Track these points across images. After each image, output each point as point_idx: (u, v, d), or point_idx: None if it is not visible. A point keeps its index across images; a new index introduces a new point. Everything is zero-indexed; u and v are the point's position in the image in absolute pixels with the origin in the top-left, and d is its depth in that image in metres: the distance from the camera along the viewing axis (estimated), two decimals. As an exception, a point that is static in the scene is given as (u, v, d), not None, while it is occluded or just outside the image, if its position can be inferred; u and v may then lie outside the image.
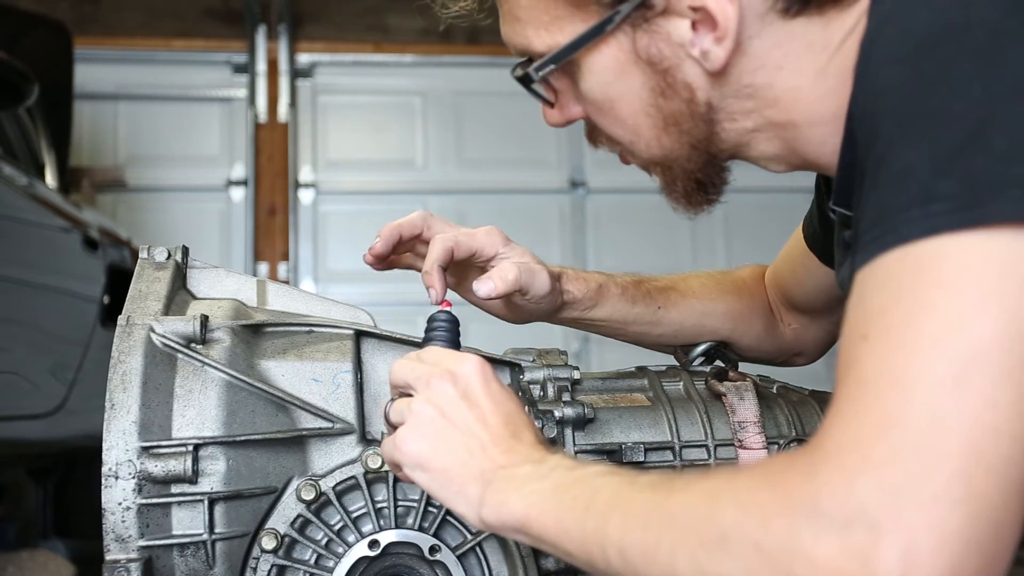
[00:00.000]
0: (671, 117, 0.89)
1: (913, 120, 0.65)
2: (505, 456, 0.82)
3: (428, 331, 1.04)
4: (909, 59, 0.67)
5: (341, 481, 1.08)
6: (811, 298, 1.26)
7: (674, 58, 0.85)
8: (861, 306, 0.64)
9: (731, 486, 0.64)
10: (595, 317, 1.21)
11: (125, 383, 1.02)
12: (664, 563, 0.65)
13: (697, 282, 1.29)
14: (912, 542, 0.55)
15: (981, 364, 0.57)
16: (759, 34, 0.83)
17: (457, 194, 5.02)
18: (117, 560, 0.99)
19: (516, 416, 0.85)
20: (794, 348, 1.34)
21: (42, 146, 3.19)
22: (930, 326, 0.59)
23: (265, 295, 1.20)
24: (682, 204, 0.97)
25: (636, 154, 0.95)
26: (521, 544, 1.09)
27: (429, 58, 5.10)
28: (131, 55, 4.86)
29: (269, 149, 4.94)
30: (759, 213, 4.78)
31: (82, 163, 4.49)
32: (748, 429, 1.13)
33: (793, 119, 0.87)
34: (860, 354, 0.62)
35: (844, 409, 0.61)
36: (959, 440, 0.56)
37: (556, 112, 0.96)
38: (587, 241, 5.10)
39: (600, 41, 0.86)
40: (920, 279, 0.61)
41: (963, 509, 0.55)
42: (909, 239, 0.62)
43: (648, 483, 0.71)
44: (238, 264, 4.78)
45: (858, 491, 0.57)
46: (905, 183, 0.64)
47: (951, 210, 0.61)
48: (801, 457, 0.61)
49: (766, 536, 0.59)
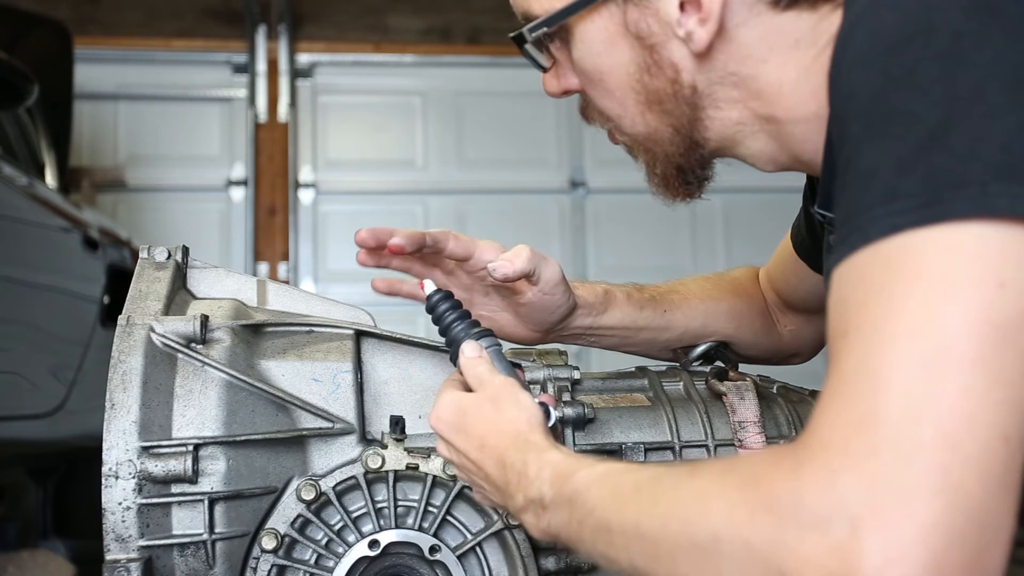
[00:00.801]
0: (655, 95, 0.90)
1: (878, 121, 0.66)
2: (511, 502, 0.89)
3: (436, 318, 1.04)
4: (876, 61, 0.68)
5: (341, 481, 1.08)
6: (803, 300, 1.27)
7: (661, 35, 0.87)
8: (840, 304, 0.65)
9: (720, 485, 0.64)
10: (606, 324, 1.21)
11: (125, 383, 1.02)
12: (666, 565, 0.66)
13: (696, 285, 1.30)
14: (891, 535, 0.55)
15: (952, 352, 0.58)
16: (746, 23, 0.85)
17: (457, 194, 5.02)
18: (117, 560, 0.99)
19: (500, 448, 0.90)
20: (791, 348, 1.35)
21: (42, 146, 3.19)
22: (903, 319, 0.60)
23: (265, 295, 1.20)
24: (660, 189, 0.98)
25: (623, 130, 0.96)
26: (521, 544, 1.09)
27: (429, 58, 5.10)
28: (131, 55, 4.86)
29: (269, 149, 4.94)
30: (759, 213, 4.78)
31: (82, 163, 4.49)
32: (748, 429, 1.13)
33: (775, 114, 0.88)
34: (841, 350, 0.63)
35: (827, 406, 0.62)
36: (934, 429, 0.56)
37: (554, 81, 0.99)
38: (587, 241, 5.09)
39: (592, 10, 0.89)
40: (890, 274, 0.61)
41: (941, 500, 0.55)
42: (874, 238, 0.63)
43: (633, 490, 0.72)
44: (238, 264, 4.78)
45: (839, 486, 0.57)
46: (870, 183, 0.65)
47: (913, 207, 0.62)
48: (787, 455, 0.62)
49: (754, 534, 0.60)
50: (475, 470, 0.93)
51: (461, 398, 0.96)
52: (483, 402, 0.94)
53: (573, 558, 1.13)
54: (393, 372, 1.17)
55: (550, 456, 0.85)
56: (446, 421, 0.95)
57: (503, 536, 1.10)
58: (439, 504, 1.09)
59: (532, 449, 0.87)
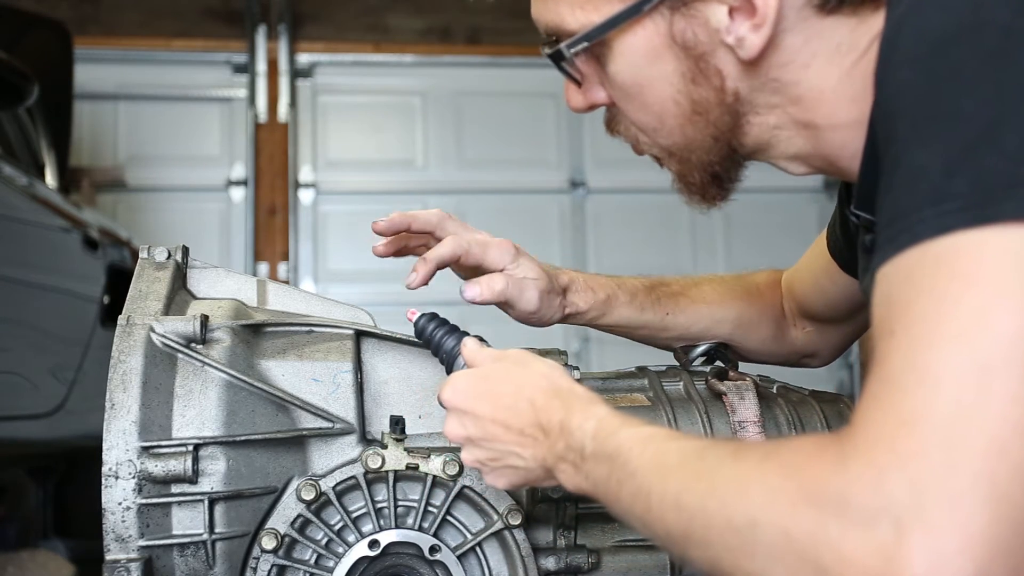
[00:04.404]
0: (699, 104, 0.89)
1: (926, 121, 0.65)
2: (548, 452, 0.88)
3: (426, 340, 1.08)
4: (922, 61, 0.67)
5: (341, 481, 1.08)
6: (832, 305, 1.26)
7: (709, 44, 0.85)
8: (886, 303, 0.64)
9: (760, 472, 0.64)
10: (602, 324, 1.25)
11: (125, 383, 1.02)
12: (699, 543, 0.67)
13: (709, 288, 1.30)
14: (937, 542, 0.54)
15: (1005, 359, 0.57)
16: (793, 28, 0.83)
17: (457, 194, 5.02)
18: (117, 560, 0.99)
19: (536, 396, 0.89)
20: (806, 351, 1.34)
21: (42, 146, 3.19)
22: (953, 320, 0.59)
23: (265, 295, 1.21)
24: (696, 197, 0.97)
25: (657, 142, 0.94)
26: (521, 544, 1.09)
27: (429, 58, 5.10)
28: (131, 55, 4.86)
29: (269, 149, 4.94)
30: (759, 213, 4.78)
31: (82, 163, 4.49)
32: (748, 429, 1.13)
33: (814, 120, 0.87)
34: (887, 349, 0.62)
35: (872, 403, 0.61)
36: (983, 435, 0.56)
37: (580, 96, 0.96)
38: (587, 241, 5.09)
39: (635, 22, 0.86)
40: (939, 275, 0.61)
41: (988, 509, 0.55)
42: (922, 238, 0.62)
43: (678, 461, 0.72)
44: (238, 264, 4.77)
45: (885, 486, 0.57)
46: (918, 183, 0.64)
47: (962, 208, 0.61)
48: (831, 447, 0.61)
49: (795, 524, 0.59)
50: (499, 434, 0.90)
51: (479, 370, 0.96)
52: (507, 366, 0.94)
53: (573, 558, 1.13)
54: (393, 372, 1.17)
55: (596, 409, 0.85)
56: (464, 392, 0.93)
57: (503, 536, 1.10)
58: (439, 504, 1.09)
59: (576, 399, 0.87)
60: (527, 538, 1.10)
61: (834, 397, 1.26)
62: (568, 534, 1.14)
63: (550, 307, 1.18)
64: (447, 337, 1.07)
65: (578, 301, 1.21)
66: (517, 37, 4.81)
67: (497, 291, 1.12)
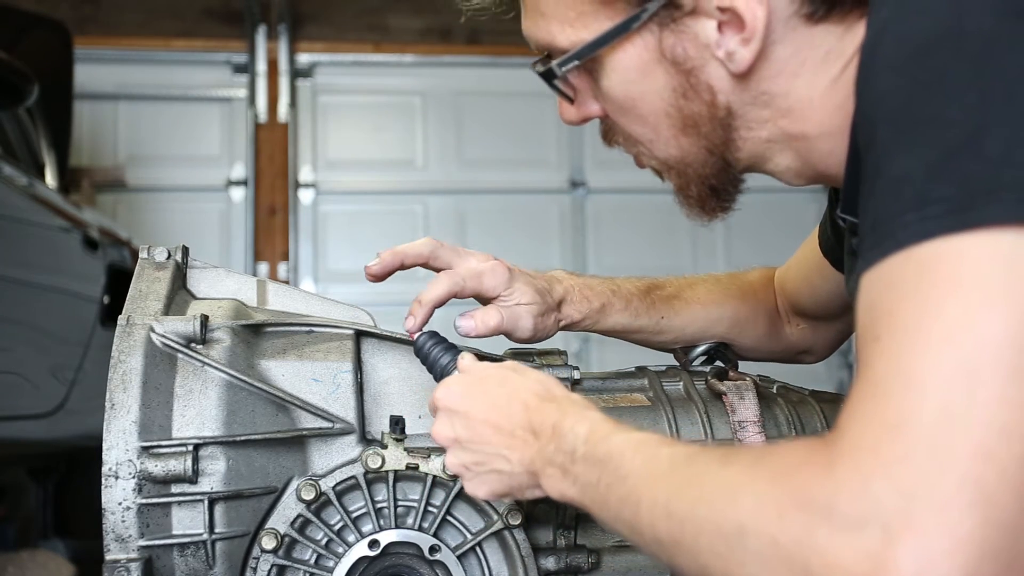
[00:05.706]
0: (691, 119, 0.89)
1: (908, 127, 0.65)
2: (537, 455, 0.87)
3: (423, 357, 1.09)
4: (905, 66, 0.67)
5: (341, 481, 1.08)
6: (824, 303, 1.27)
7: (699, 59, 0.85)
8: (871, 309, 0.64)
9: (749, 477, 0.64)
10: (597, 329, 1.25)
11: (125, 383, 1.02)
12: (688, 550, 0.67)
13: (704, 289, 1.30)
14: (925, 547, 0.54)
15: (991, 362, 0.57)
16: (782, 39, 0.83)
17: (457, 194, 5.02)
18: (117, 560, 0.99)
19: (529, 399, 0.90)
20: (800, 347, 1.35)
21: (42, 146, 3.19)
22: (938, 325, 0.59)
23: (265, 295, 1.21)
24: (696, 210, 0.97)
25: (653, 154, 0.95)
26: (521, 544, 1.09)
27: (429, 58, 5.10)
28: (131, 55, 4.86)
29: (269, 149, 4.94)
30: (759, 213, 4.78)
31: (82, 163, 4.49)
32: (748, 429, 1.13)
33: (805, 130, 0.87)
34: (872, 355, 0.62)
35: (858, 408, 0.61)
36: (969, 439, 0.56)
37: (573, 109, 0.97)
38: (587, 241, 5.10)
39: (625, 39, 0.86)
40: (923, 280, 0.61)
41: (976, 513, 0.55)
42: (906, 244, 0.62)
43: (668, 466, 0.72)
44: (238, 264, 4.77)
45: (872, 491, 0.57)
46: (901, 189, 0.64)
47: (945, 213, 0.61)
48: (818, 453, 0.61)
49: (782, 531, 0.59)
50: (488, 435, 0.91)
51: (475, 374, 0.97)
52: (503, 371, 0.95)
53: (573, 558, 1.13)
54: (393, 372, 1.17)
55: (590, 413, 0.85)
56: (458, 392, 0.94)
57: (503, 536, 1.10)
58: (439, 504, 1.09)
59: (570, 404, 0.88)
60: (527, 538, 1.10)
61: (834, 397, 1.27)
62: (568, 534, 1.14)
63: (545, 327, 1.19)
64: (444, 354, 1.07)
65: (573, 312, 1.22)
66: (517, 37, 4.80)
67: (492, 327, 1.14)
